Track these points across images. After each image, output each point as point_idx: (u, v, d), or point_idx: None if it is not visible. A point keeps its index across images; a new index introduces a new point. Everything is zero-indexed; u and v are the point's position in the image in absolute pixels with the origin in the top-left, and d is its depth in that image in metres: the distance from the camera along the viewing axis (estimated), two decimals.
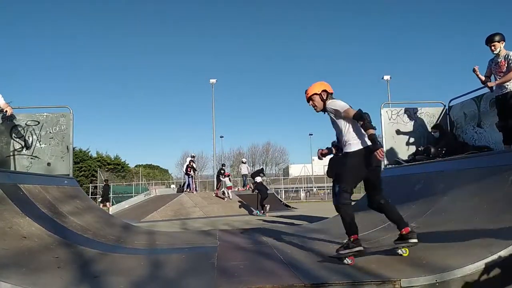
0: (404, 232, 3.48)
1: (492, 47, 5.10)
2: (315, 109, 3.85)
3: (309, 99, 3.83)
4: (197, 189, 17.56)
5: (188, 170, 16.77)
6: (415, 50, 66.84)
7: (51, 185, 5.89)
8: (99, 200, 20.73)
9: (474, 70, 5.39)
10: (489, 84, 5.28)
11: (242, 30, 73.66)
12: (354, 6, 68.02)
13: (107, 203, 18.25)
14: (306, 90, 3.87)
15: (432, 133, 7.32)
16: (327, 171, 8.13)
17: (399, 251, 3.51)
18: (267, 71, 75.88)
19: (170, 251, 4.61)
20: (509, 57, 4.93)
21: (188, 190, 16.82)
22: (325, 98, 3.78)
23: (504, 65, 4.98)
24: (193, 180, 17.43)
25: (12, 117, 6.81)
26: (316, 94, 3.80)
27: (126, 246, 4.78)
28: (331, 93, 3.83)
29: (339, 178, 3.52)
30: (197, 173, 19.56)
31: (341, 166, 3.61)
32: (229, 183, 17.39)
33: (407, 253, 3.47)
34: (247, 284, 2.85)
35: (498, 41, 5.06)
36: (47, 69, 66.81)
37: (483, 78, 5.34)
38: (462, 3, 65.47)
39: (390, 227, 4.84)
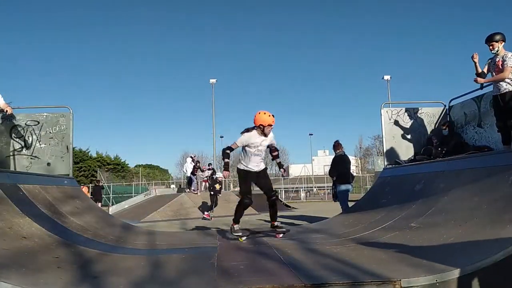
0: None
1: (490, 47, 5.10)
2: (268, 133, 5.09)
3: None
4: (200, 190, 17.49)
5: (195, 171, 16.70)
6: (415, 50, 66.85)
7: (51, 185, 5.89)
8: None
9: (472, 57, 5.31)
10: (478, 80, 5.29)
11: (242, 30, 73.67)
12: (354, 7, 68.02)
13: (98, 203, 18.21)
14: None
15: (442, 130, 7.30)
16: (330, 170, 8.09)
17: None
18: (267, 71, 75.92)
19: (170, 251, 4.61)
20: (505, 58, 4.93)
21: (191, 189, 16.68)
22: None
23: (500, 64, 4.98)
24: (198, 181, 17.23)
25: (12, 117, 6.81)
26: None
27: (126, 246, 4.77)
28: None
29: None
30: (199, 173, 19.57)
31: None
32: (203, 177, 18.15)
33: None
34: (247, 284, 2.85)
35: (497, 41, 5.04)
36: (47, 69, 66.83)
37: (479, 69, 5.29)
38: (462, 3, 65.48)
39: (390, 227, 4.86)
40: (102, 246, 4.37)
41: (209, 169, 19.05)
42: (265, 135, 5.08)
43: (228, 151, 5.12)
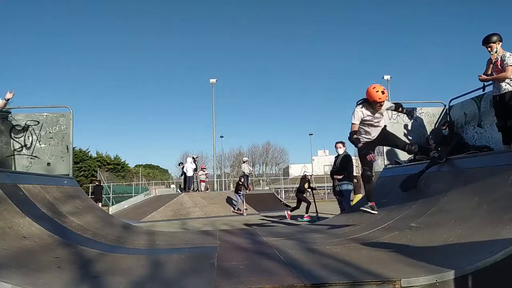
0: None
1: (489, 48, 5.11)
2: (380, 108, 4.94)
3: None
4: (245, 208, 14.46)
5: (240, 188, 14.95)
6: (415, 50, 66.83)
7: (51, 185, 5.89)
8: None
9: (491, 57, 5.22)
10: (483, 78, 5.28)
11: (242, 30, 73.66)
12: (354, 6, 68.02)
13: (99, 203, 18.26)
14: (385, 92, 4.88)
15: (442, 130, 7.30)
16: (339, 169, 8.09)
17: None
18: (267, 71, 75.90)
19: (170, 251, 4.61)
20: (504, 58, 4.93)
21: (235, 209, 14.71)
22: None
23: (499, 64, 4.99)
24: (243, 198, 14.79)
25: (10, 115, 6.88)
26: None
27: (126, 246, 4.78)
28: None
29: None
30: (197, 173, 19.36)
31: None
32: (203, 177, 18.81)
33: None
34: (247, 284, 2.85)
35: (495, 42, 5.07)
36: (47, 69, 66.83)
37: (490, 70, 5.23)
38: (461, 2, 65.45)
39: (390, 227, 4.86)
40: (102, 246, 4.37)
41: (202, 169, 19.42)
42: (376, 109, 4.97)
43: (355, 136, 5.03)
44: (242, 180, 15.59)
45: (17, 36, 59.77)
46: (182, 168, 18.46)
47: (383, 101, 4.87)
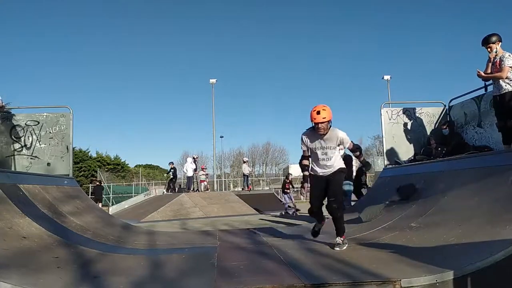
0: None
1: (488, 49, 5.12)
2: (320, 131, 4.15)
3: (324, 122, 4.11)
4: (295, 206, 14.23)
5: (287, 186, 15.02)
6: (415, 50, 66.77)
7: (51, 185, 5.90)
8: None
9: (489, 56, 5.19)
10: (480, 73, 5.24)
11: (242, 30, 73.60)
12: (354, 6, 67.99)
13: (99, 203, 18.28)
14: (323, 112, 4.10)
15: (442, 130, 7.31)
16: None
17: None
18: (267, 71, 75.80)
19: (170, 251, 4.61)
20: (503, 58, 4.94)
21: (291, 210, 14.27)
22: (330, 125, 4.25)
23: (498, 64, 4.99)
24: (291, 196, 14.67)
25: (10, 115, 6.87)
26: (330, 120, 4.16)
27: (126, 246, 4.78)
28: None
29: (338, 191, 4.32)
30: (197, 173, 19.39)
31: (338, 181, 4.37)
32: (203, 177, 19.05)
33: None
34: (247, 284, 2.85)
35: (494, 42, 5.08)
36: (47, 69, 66.79)
37: (489, 69, 5.19)
38: (461, 2, 65.43)
39: (390, 227, 4.86)
40: (102, 246, 4.37)
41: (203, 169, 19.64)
42: (322, 135, 4.23)
43: (304, 162, 4.51)
44: (290, 178, 15.25)
45: (17, 36, 59.75)
46: (171, 168, 18.45)
47: (319, 123, 4.10)
